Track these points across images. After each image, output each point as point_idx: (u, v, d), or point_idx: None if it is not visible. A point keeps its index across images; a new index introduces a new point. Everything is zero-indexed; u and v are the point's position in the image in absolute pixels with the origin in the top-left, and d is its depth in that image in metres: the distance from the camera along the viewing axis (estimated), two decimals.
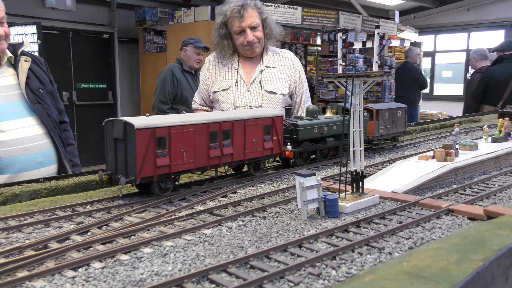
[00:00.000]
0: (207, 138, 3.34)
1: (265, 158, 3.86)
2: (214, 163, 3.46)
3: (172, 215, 2.94)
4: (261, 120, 3.72)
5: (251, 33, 5.08)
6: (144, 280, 2.10)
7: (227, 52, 5.32)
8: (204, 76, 5.54)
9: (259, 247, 2.45)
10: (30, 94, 4.34)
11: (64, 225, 2.83)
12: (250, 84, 5.25)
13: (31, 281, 2.07)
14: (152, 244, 2.48)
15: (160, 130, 3.05)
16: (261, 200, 3.30)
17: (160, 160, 3.07)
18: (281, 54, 5.50)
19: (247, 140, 3.62)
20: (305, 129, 4.20)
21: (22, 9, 12.37)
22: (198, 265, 2.24)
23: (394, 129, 5.18)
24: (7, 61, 4.33)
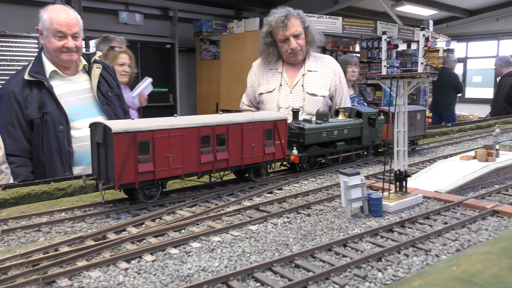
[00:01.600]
0: (198, 142, 2.89)
1: (266, 163, 3.35)
2: (207, 168, 2.98)
3: (221, 210, 2.74)
4: (261, 124, 3.22)
5: (294, 41, 4.88)
6: (191, 275, 1.90)
7: (272, 59, 5.15)
8: (251, 79, 5.39)
9: (304, 245, 2.20)
10: (100, 96, 4.34)
11: (122, 216, 2.68)
12: (293, 87, 5.03)
13: (88, 271, 1.92)
14: (201, 238, 2.28)
15: (142, 134, 2.63)
16: (306, 197, 3.04)
17: (143, 166, 2.66)
18: (322, 59, 5.24)
19: (245, 145, 3.13)
20: (312, 133, 3.66)
21: (100, 25, 12.60)
22: (244, 262, 2.01)
23: (413, 132, 4.56)
24: (82, 68, 4.34)
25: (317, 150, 3.77)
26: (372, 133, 4.13)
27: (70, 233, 2.41)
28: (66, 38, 3.96)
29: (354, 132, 4.00)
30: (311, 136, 3.64)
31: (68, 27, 3.96)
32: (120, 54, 5.84)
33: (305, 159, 3.69)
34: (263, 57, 5.26)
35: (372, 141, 4.16)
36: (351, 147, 4.03)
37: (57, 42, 3.96)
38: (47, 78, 4.01)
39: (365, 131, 4.05)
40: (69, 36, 3.97)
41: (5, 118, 3.96)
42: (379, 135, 4.19)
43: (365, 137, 4.07)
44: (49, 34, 3.96)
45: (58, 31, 3.93)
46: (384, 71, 2.80)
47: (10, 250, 2.18)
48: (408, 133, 4.38)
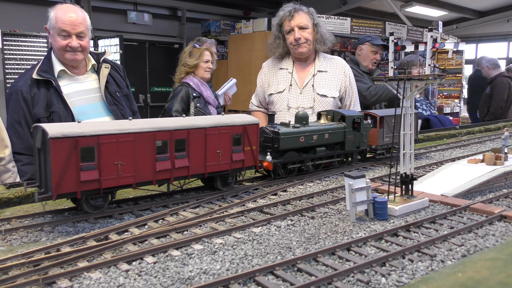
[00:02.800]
0: (153, 148, 2.65)
1: (234, 171, 3.09)
2: (163, 177, 2.73)
3: (224, 211, 2.71)
4: (228, 129, 2.95)
5: (298, 31, 4.86)
6: (192, 278, 1.87)
7: (276, 51, 5.14)
8: (261, 80, 5.37)
9: (307, 248, 2.16)
10: (108, 96, 4.33)
11: (125, 217, 2.66)
12: (303, 87, 5.00)
13: (89, 272, 1.91)
14: (203, 240, 2.25)
15: (85, 140, 2.39)
16: (310, 199, 3.01)
17: (86, 174, 2.41)
18: (332, 60, 5.20)
19: (209, 151, 2.89)
20: (288, 137, 3.38)
21: (109, 25, 12.65)
22: (246, 265, 1.98)
23: None
24: (91, 67, 4.34)
25: (294, 156, 3.52)
26: (357, 138, 3.89)
27: (73, 233, 2.40)
28: (70, 37, 3.95)
29: (337, 136, 3.75)
30: (287, 141, 3.39)
31: (72, 26, 3.94)
32: (205, 52, 5.94)
33: (281, 165, 3.44)
34: (271, 51, 5.25)
35: (357, 146, 3.92)
36: (333, 152, 3.79)
37: (62, 41, 3.95)
38: (55, 77, 4.01)
39: (348, 135, 3.81)
40: (73, 35, 3.95)
41: (12, 117, 3.97)
42: (364, 140, 3.96)
43: (349, 142, 3.83)
44: (55, 33, 3.96)
45: (62, 30, 3.92)
46: (391, 72, 2.76)
47: (12, 250, 2.17)
48: (397, 138, 4.10)
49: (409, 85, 2.68)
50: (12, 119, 3.98)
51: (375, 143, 4.10)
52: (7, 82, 9.40)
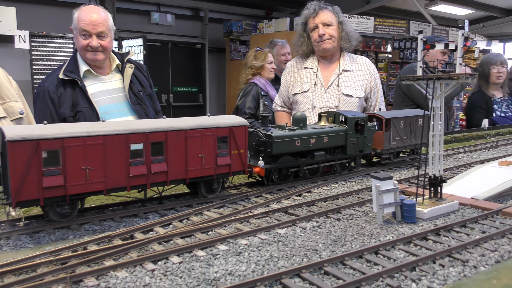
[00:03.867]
0: (126, 152, 2.48)
1: (220, 176, 2.89)
2: (138, 183, 2.55)
3: (248, 212, 2.69)
4: (211, 131, 2.75)
5: (323, 28, 4.81)
6: (217, 279, 1.86)
7: (300, 49, 5.10)
8: (285, 80, 5.33)
9: (333, 251, 2.12)
10: (132, 96, 4.37)
11: (150, 216, 2.67)
12: (328, 87, 4.93)
13: (115, 271, 1.91)
14: (228, 241, 2.23)
15: (48, 143, 2.22)
16: (335, 200, 2.96)
17: (49, 180, 2.24)
18: (357, 60, 5.13)
19: (190, 155, 2.70)
20: (282, 141, 3.13)
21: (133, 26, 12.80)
22: (272, 267, 1.96)
23: (413, 140, 3.98)
24: (116, 67, 4.38)
25: (289, 161, 3.28)
26: (360, 141, 3.64)
27: (99, 232, 2.42)
28: (91, 37, 4.00)
29: (337, 140, 3.49)
30: (281, 145, 3.14)
31: (93, 26, 3.99)
32: (268, 54, 6.43)
33: (274, 171, 3.22)
34: (295, 50, 5.22)
35: (360, 150, 3.67)
36: (333, 157, 3.53)
37: (83, 40, 4.01)
38: (80, 77, 4.06)
39: (350, 139, 3.55)
40: (93, 35, 4.00)
41: (39, 116, 4.04)
42: (368, 144, 3.69)
43: (351, 146, 3.58)
44: (77, 33, 4.03)
45: (83, 29, 3.98)
46: (419, 71, 2.69)
47: (40, 248, 2.19)
48: (406, 142, 3.96)
49: (438, 85, 2.60)
50: (39, 118, 4.05)
51: (380, 147, 3.81)
52: (35, 82, 9.60)
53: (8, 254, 2.11)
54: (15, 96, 3.72)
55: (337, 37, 4.90)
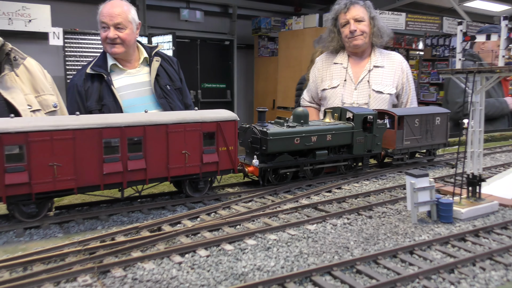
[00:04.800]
0: (99, 148, 2.30)
1: (206, 175, 2.68)
2: (113, 181, 2.37)
3: (277, 207, 2.63)
4: (196, 126, 2.54)
5: (354, 24, 4.69)
6: (246, 274, 1.80)
7: (330, 45, 4.97)
8: (314, 75, 5.22)
9: (365, 249, 2.04)
10: (158, 89, 4.35)
11: (177, 209, 2.64)
12: (358, 83, 4.81)
13: (142, 263, 1.88)
14: (256, 236, 2.18)
15: (10, 137, 2.06)
16: (367, 198, 2.86)
17: (12, 177, 2.09)
18: (389, 56, 4.98)
19: (172, 152, 2.50)
20: (279, 138, 2.89)
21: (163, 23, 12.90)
22: (301, 264, 1.89)
23: (429, 140, 3.68)
24: (144, 61, 4.38)
25: (287, 160, 3.03)
26: (368, 140, 3.36)
27: (127, 223, 2.40)
28: (109, 29, 3.99)
29: (342, 138, 3.22)
30: (277, 143, 2.90)
31: (110, 17, 3.98)
32: None
33: (271, 170, 2.98)
34: (325, 46, 5.10)
35: (368, 150, 3.40)
36: (337, 156, 3.27)
37: (102, 33, 4.03)
38: (107, 71, 4.08)
39: (357, 137, 3.28)
40: (111, 27, 3.99)
41: (69, 109, 4.09)
42: (378, 143, 3.41)
43: (358, 145, 3.31)
44: (99, 26, 4.06)
45: (102, 22, 4.00)
46: (458, 65, 2.56)
47: (69, 237, 2.19)
48: (421, 141, 3.66)
49: (479, 79, 2.47)
50: (69, 112, 4.10)
51: (392, 147, 3.51)
52: (68, 78, 9.79)
53: (38, 243, 2.12)
54: (50, 90, 3.76)
55: (369, 33, 4.76)
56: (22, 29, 8.97)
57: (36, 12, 9.12)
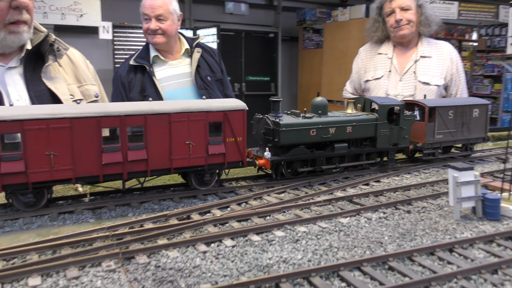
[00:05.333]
0: (98, 137, 2.23)
1: (212, 167, 2.56)
2: (113, 171, 2.30)
3: (310, 199, 2.53)
4: (201, 115, 2.42)
5: (400, 13, 4.45)
6: (270, 266, 1.73)
7: (375, 35, 4.77)
8: (357, 66, 5.04)
9: (401, 245, 1.91)
10: (198, 80, 4.36)
11: (208, 198, 2.61)
12: (403, 74, 4.59)
13: (167, 250, 1.86)
14: (285, 227, 2.10)
15: (6, 125, 2.02)
16: (406, 192, 2.70)
17: (8, 166, 2.05)
18: (437, 45, 4.71)
19: (175, 142, 2.40)
20: (292, 130, 2.73)
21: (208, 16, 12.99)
22: (330, 258, 1.79)
23: (465, 133, 3.38)
24: (185, 52, 4.40)
25: (303, 153, 2.86)
26: (394, 132, 3.13)
27: (157, 211, 2.39)
28: (150, 21, 4.02)
29: (364, 130, 3.02)
30: (290, 134, 2.74)
31: (151, 9, 4.01)
32: None
33: (285, 164, 2.82)
34: (369, 36, 4.91)
35: (394, 143, 3.17)
36: (359, 150, 3.06)
37: (144, 25, 4.08)
38: (150, 63, 4.12)
39: (381, 129, 3.08)
40: (152, 19, 4.01)
41: (113, 100, 4.18)
42: (405, 136, 3.18)
43: (382, 138, 3.09)
44: (142, 18, 4.11)
45: (143, 14, 4.05)
46: (510, 49, 2.34)
47: (100, 223, 2.21)
48: (456, 135, 3.34)
49: None
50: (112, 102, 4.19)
51: (421, 141, 3.26)
52: None
53: (69, 228, 2.15)
54: (92, 80, 3.85)
55: (416, 22, 4.52)
56: (74, 23, 9.30)
57: (87, 7, 9.42)
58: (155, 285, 1.59)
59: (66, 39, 3.65)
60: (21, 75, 3.17)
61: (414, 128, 3.24)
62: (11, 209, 2.30)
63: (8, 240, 1.97)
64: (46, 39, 3.25)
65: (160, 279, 1.63)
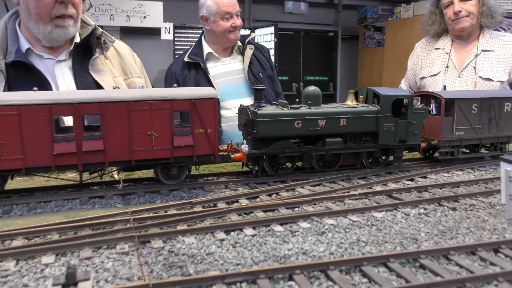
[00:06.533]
0: (50, 126, 2.07)
1: (179, 160, 2.34)
2: (66, 162, 2.13)
3: (345, 192, 2.36)
4: (164, 104, 2.21)
5: (459, 4, 4.09)
6: (288, 257, 1.61)
7: (431, 28, 4.44)
8: (412, 62, 4.74)
9: (438, 242, 1.70)
10: (251, 77, 4.35)
11: (239, 188, 2.52)
12: (462, 70, 4.23)
13: (184, 236, 1.80)
14: (312, 219, 1.96)
15: None
16: (455, 188, 2.45)
17: None
18: (501, 38, 4.28)
19: (136, 132, 2.20)
20: (272, 121, 2.45)
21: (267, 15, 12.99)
22: (355, 252, 1.64)
23: (494, 131, 2.93)
24: (237, 49, 4.40)
25: (286, 147, 2.56)
26: (401, 127, 2.75)
27: (186, 199, 2.34)
28: (232, 18, 4.07)
29: (363, 124, 2.67)
30: (270, 126, 2.46)
31: (233, 6, 4.09)
32: None
33: (266, 158, 2.55)
34: (425, 30, 4.59)
35: (401, 139, 2.79)
36: (357, 146, 2.72)
37: (225, 23, 4.07)
38: (203, 59, 4.16)
39: (384, 123, 2.71)
40: (234, 16, 4.07)
41: None
42: (415, 132, 2.78)
43: (385, 133, 2.73)
44: (217, 17, 4.08)
45: (226, 12, 4.05)
46: None
47: (127, 208, 2.20)
48: (481, 132, 2.87)
49: None
50: None
51: (437, 137, 2.86)
52: None
53: (97, 211, 2.16)
54: (138, 72, 3.92)
55: (476, 14, 4.14)
56: (138, 25, 9.66)
57: (150, 9, 9.76)
58: (164, 270, 1.53)
59: (130, 40, 3.79)
60: (70, 68, 3.27)
61: (429, 123, 2.86)
62: None
63: (37, 221, 2.01)
64: (94, 32, 3.34)
65: (170, 264, 1.57)
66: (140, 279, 1.46)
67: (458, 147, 2.90)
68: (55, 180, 2.63)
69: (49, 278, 1.47)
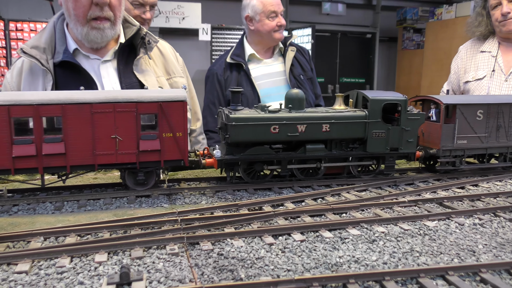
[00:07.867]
0: (7, 128, 2.00)
1: (145, 165, 2.23)
2: (25, 165, 2.05)
3: (394, 199, 2.29)
4: (129, 106, 2.11)
5: (507, 5, 3.91)
6: (340, 264, 1.57)
7: (477, 30, 4.27)
8: (456, 66, 4.57)
9: (498, 256, 1.62)
10: (292, 79, 4.32)
11: (284, 191, 2.49)
12: (509, 74, 4.04)
13: (232, 239, 1.78)
14: (361, 226, 1.91)
15: None
16: (509, 198, 2.33)
17: None
18: None
19: (99, 136, 2.12)
20: (245, 125, 2.30)
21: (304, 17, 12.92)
22: (409, 262, 1.57)
23: (503, 140, 2.66)
24: (278, 51, 4.39)
25: (261, 153, 2.41)
26: (393, 134, 2.56)
27: (230, 200, 2.34)
28: (277, 17, 4.06)
29: (349, 130, 2.49)
30: (243, 130, 2.32)
31: (278, 5, 4.09)
32: None
33: (241, 165, 2.40)
34: (470, 31, 4.41)
35: (393, 147, 2.61)
36: (342, 153, 2.53)
37: (271, 22, 4.07)
38: (245, 61, 4.15)
39: (373, 130, 2.53)
40: (279, 14, 4.06)
41: (208, 97, 4.27)
42: (409, 140, 2.59)
43: (374, 140, 2.54)
44: (263, 17, 4.07)
45: (272, 11, 4.04)
46: None
47: (173, 208, 2.21)
48: (487, 141, 2.62)
49: None
50: (207, 100, 4.27)
51: (436, 146, 2.65)
52: None
53: (144, 210, 2.17)
54: (180, 72, 3.95)
55: None
56: (177, 26, 9.80)
57: (188, 10, 9.89)
58: (215, 273, 1.52)
59: (169, 41, 3.84)
60: (115, 68, 3.33)
61: (428, 131, 2.65)
62: None
63: (88, 218, 2.05)
64: (138, 33, 3.38)
65: (220, 267, 1.55)
66: (192, 282, 1.45)
67: (460, 157, 2.67)
68: (102, 179, 2.69)
69: (103, 276, 1.48)
